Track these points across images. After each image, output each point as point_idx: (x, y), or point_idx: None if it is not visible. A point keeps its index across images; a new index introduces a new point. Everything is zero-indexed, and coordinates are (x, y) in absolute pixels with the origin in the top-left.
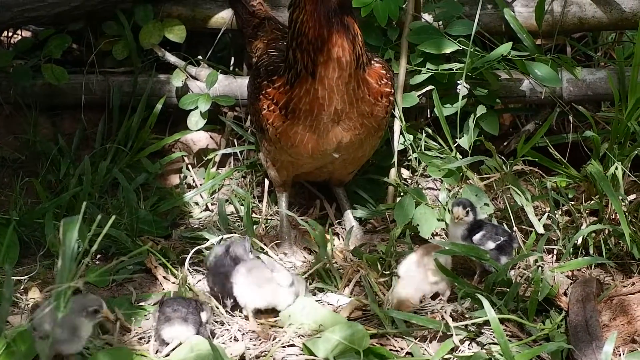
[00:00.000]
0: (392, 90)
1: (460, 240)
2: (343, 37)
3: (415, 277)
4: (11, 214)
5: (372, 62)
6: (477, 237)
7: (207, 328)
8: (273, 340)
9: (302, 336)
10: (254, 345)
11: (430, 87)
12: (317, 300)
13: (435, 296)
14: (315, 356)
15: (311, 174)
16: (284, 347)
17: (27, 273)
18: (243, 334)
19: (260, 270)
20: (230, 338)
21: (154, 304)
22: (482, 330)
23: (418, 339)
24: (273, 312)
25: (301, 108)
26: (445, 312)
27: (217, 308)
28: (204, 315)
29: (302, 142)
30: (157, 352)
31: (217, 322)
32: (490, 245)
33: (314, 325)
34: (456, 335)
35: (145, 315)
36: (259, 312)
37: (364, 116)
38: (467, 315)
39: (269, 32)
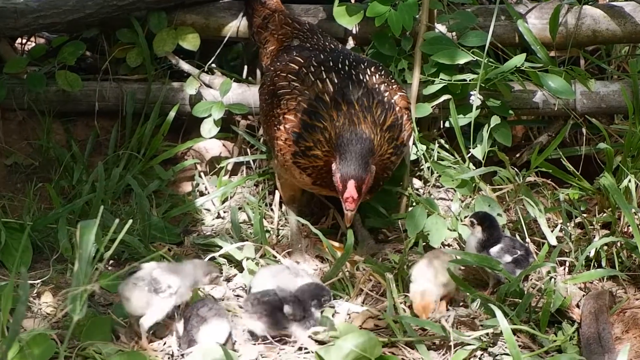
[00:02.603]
0: (409, 128)
1: (475, 251)
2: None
3: (426, 279)
4: (25, 219)
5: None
6: (494, 250)
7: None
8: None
9: (315, 342)
10: (267, 347)
11: (444, 97)
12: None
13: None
14: None
15: None
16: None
17: (40, 277)
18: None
19: (284, 275)
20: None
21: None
22: (494, 341)
23: (430, 349)
24: None
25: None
26: (457, 321)
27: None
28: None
29: (307, 183)
30: (172, 355)
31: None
32: (507, 258)
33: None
34: (468, 345)
35: None
36: None
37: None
38: (479, 325)
39: (279, 27)
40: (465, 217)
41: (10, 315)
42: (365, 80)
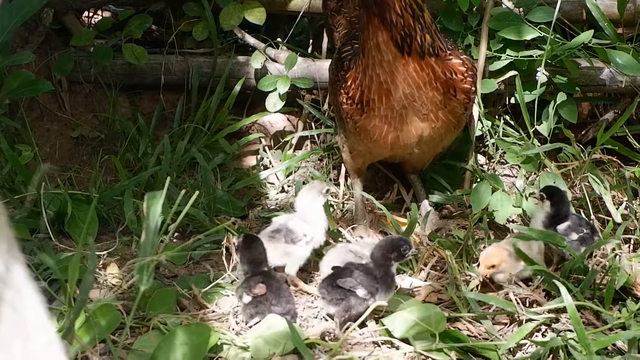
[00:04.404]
0: (473, 88)
1: (541, 227)
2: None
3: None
4: (91, 191)
5: (451, 56)
6: (562, 228)
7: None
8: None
9: (379, 316)
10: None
11: (510, 73)
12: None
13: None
14: (392, 335)
15: (386, 160)
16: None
17: (106, 249)
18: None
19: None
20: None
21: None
22: (558, 317)
23: (493, 324)
24: None
25: (372, 98)
26: (520, 297)
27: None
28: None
29: (381, 136)
30: (238, 324)
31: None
32: (574, 236)
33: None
34: (531, 321)
35: (225, 294)
36: None
37: (437, 106)
38: (538, 301)
39: (352, 9)
40: (531, 193)
41: (77, 285)
42: None
